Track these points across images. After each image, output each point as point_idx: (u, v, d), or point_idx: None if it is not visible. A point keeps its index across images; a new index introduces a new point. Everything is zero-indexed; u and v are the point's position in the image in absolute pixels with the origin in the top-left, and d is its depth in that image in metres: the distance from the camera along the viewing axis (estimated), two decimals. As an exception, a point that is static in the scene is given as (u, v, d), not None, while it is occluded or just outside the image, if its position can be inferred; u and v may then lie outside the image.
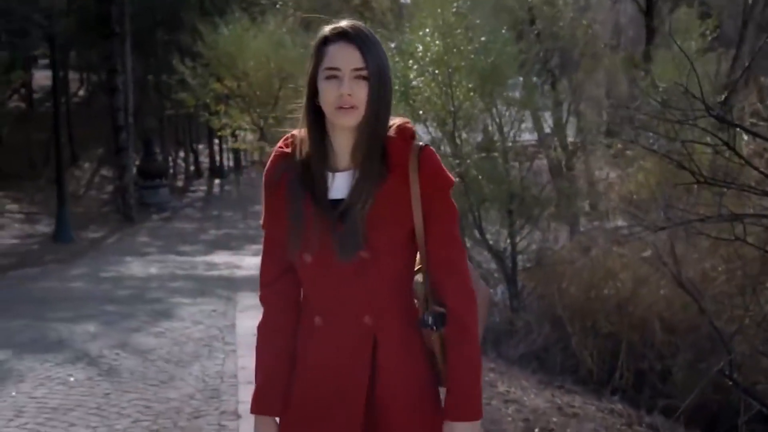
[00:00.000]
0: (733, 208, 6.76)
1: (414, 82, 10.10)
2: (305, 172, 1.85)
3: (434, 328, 1.86)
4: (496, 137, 11.73)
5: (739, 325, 6.78)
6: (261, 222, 1.96)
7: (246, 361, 6.02)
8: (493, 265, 11.16)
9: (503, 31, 10.71)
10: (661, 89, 8.55)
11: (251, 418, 1.98)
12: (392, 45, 10.77)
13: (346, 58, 1.77)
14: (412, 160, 1.82)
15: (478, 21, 10.16)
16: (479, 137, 12.02)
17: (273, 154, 1.91)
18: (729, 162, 6.35)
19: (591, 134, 14.70)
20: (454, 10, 9.98)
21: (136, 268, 13.23)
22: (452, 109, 10.12)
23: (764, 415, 6.09)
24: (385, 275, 1.86)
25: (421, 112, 10.20)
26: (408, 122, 1.89)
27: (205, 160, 33.86)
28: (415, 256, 1.91)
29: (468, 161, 10.24)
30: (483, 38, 9.96)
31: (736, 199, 6.74)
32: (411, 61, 10.20)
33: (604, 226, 12.44)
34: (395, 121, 1.87)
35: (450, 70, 10.03)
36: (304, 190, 1.84)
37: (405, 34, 11.26)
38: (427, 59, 10.04)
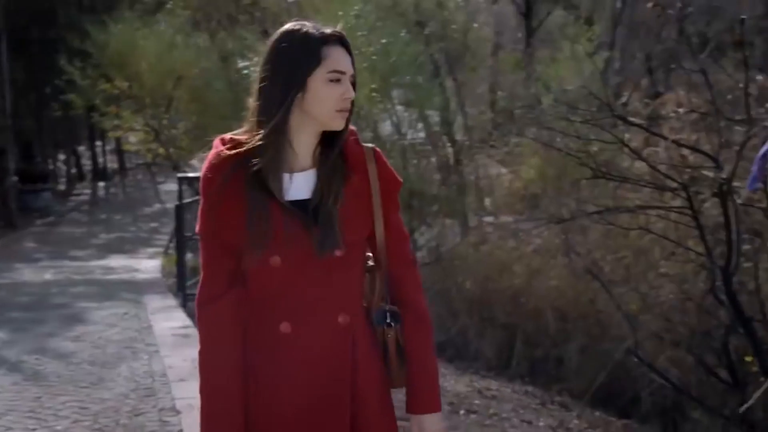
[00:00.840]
0: (621, 201, 7.39)
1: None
2: (262, 174, 1.78)
3: (392, 324, 1.89)
4: (395, 136, 12.14)
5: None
6: (197, 229, 1.86)
7: (172, 361, 6.12)
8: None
9: (402, 33, 11.07)
10: (554, 90, 9.16)
11: (192, 412, 2.05)
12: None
13: (347, 63, 1.79)
14: (370, 160, 1.86)
15: (379, 24, 10.47)
16: (378, 136, 12.40)
17: (214, 157, 1.81)
18: (620, 157, 6.97)
19: (478, 132, 15.30)
20: (354, 13, 10.27)
21: (29, 274, 12.85)
22: (355, 108, 10.42)
23: (663, 389, 6.70)
24: (354, 273, 1.88)
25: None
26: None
27: (87, 162, 32.74)
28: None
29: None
30: (383, 40, 10.29)
31: (626, 192, 7.37)
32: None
33: (496, 221, 13.04)
34: None
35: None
36: (265, 191, 1.77)
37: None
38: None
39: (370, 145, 1.89)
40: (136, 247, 17.12)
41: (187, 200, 9.97)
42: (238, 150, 1.79)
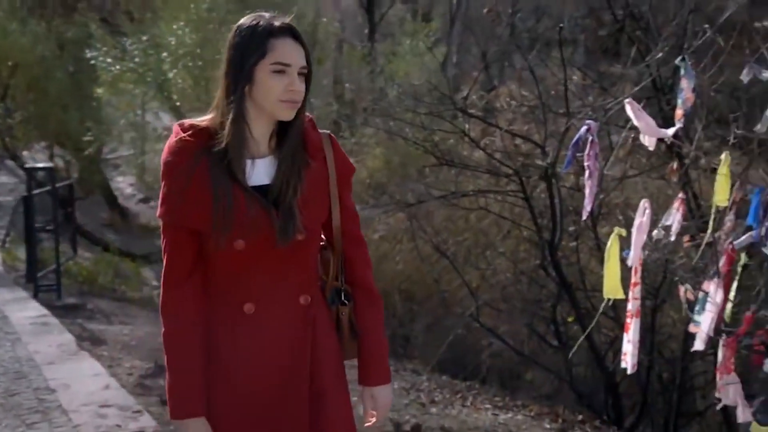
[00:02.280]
0: (463, 187, 8.04)
1: (170, 74, 10.37)
2: (224, 160, 1.82)
3: (346, 302, 1.98)
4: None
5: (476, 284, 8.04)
6: (159, 213, 1.87)
7: (37, 347, 6.13)
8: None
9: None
10: (399, 83, 9.70)
11: (68, 390, 2.19)
12: (144, 38, 10.91)
13: (295, 55, 1.80)
14: (327, 146, 1.93)
15: (229, 17, 10.62)
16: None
17: (175, 142, 1.84)
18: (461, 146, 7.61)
19: (323, 123, 15.74)
20: (206, 5, 10.40)
21: None
22: (207, 99, 10.57)
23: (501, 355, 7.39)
24: (312, 254, 1.95)
25: (178, 103, 10.50)
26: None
27: None
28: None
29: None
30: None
31: (467, 178, 8.04)
32: (165, 54, 10.47)
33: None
34: None
35: (201, 63, 10.48)
36: (228, 177, 1.82)
37: (152, 27, 11.46)
38: (181, 52, 10.39)
39: (326, 131, 1.96)
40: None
41: (36, 191, 9.72)
42: (192, 138, 1.82)
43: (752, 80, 3.27)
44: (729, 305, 3.49)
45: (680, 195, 3.53)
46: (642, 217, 2.95)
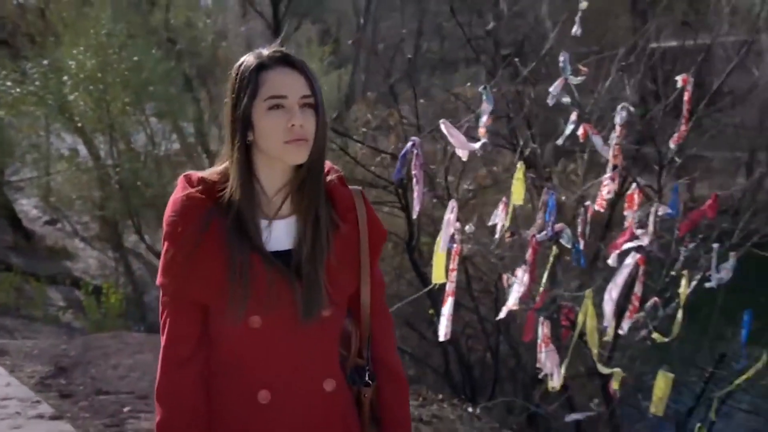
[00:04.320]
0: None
1: (70, 97, 10.72)
2: (237, 222, 1.58)
3: (370, 383, 1.73)
4: (149, 147, 12.76)
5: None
6: (160, 281, 1.62)
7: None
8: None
9: (153, 51, 11.75)
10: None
11: None
12: (45, 62, 11.22)
13: (292, 84, 1.55)
14: (359, 205, 1.67)
15: (129, 42, 11.07)
16: (133, 147, 12.95)
17: (182, 199, 1.58)
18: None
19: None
20: (105, 31, 10.80)
21: None
22: (109, 121, 10.97)
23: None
24: (338, 332, 1.69)
25: (79, 124, 10.85)
26: (331, 164, 1.70)
27: None
28: None
29: (126, 168, 11.15)
30: (135, 57, 10.93)
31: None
32: (65, 77, 10.81)
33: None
34: None
35: (101, 86, 10.89)
36: (244, 242, 1.57)
37: (53, 51, 11.75)
38: (82, 76, 10.75)
39: (357, 188, 1.71)
40: None
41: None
42: (203, 194, 1.59)
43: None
44: (541, 287, 4.28)
45: (503, 199, 4.28)
46: (450, 214, 3.64)
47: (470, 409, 5.41)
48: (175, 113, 13.18)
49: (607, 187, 3.64)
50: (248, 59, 1.58)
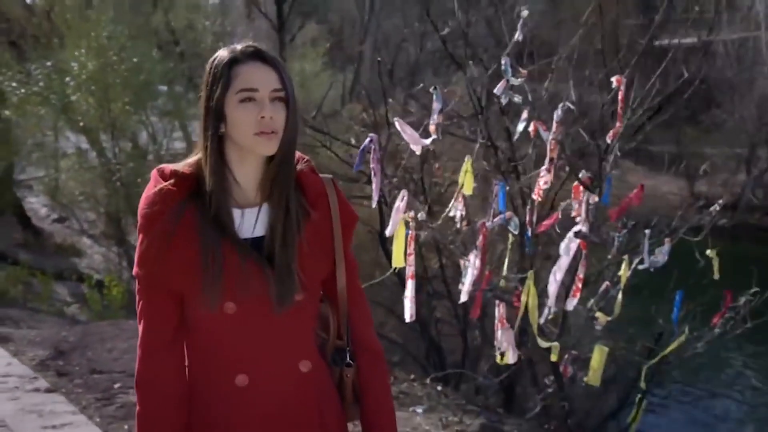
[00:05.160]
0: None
1: (73, 97, 11.15)
2: (210, 211, 1.64)
3: (352, 363, 1.80)
4: (151, 146, 13.19)
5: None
6: (135, 271, 1.67)
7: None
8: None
9: (153, 53, 12.17)
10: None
11: None
12: (48, 63, 11.65)
13: (263, 78, 1.61)
14: (331, 192, 1.75)
15: (129, 44, 11.48)
16: (136, 146, 13.38)
17: (155, 193, 1.64)
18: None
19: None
20: (106, 34, 11.23)
21: None
22: (110, 121, 11.40)
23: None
24: (313, 315, 1.77)
25: (81, 123, 11.28)
26: (300, 154, 1.77)
27: None
28: None
29: (129, 166, 11.57)
30: (135, 59, 11.34)
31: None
32: (68, 78, 11.24)
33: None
34: None
35: (102, 87, 11.33)
36: (216, 230, 1.63)
37: (57, 53, 12.19)
38: (84, 77, 11.18)
39: (327, 176, 1.79)
40: None
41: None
42: (175, 187, 1.64)
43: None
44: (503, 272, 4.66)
45: (461, 191, 4.66)
46: (400, 202, 4.01)
47: (439, 388, 5.80)
48: (178, 113, 13.57)
49: (543, 178, 4.01)
50: (222, 54, 1.65)
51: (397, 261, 4.23)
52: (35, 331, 8.95)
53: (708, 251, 3.88)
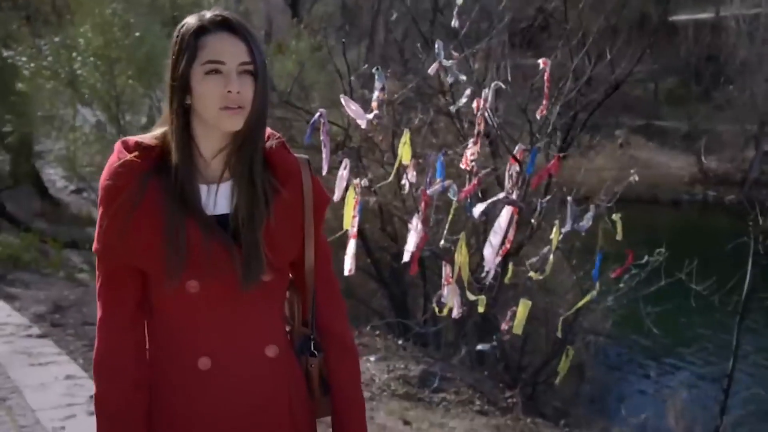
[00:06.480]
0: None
1: (79, 72, 11.70)
2: (176, 186, 1.57)
3: (316, 354, 1.73)
4: (158, 120, 13.68)
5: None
6: (95, 247, 1.59)
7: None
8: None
9: (157, 29, 12.62)
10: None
11: None
12: (56, 39, 12.19)
13: (231, 50, 1.53)
14: (305, 172, 1.68)
15: (132, 20, 11.94)
16: (143, 119, 13.88)
17: (118, 164, 1.57)
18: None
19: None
20: (110, 11, 11.71)
21: None
22: (115, 94, 11.94)
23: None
24: (281, 298, 1.71)
25: (87, 96, 11.84)
26: (272, 130, 1.69)
27: None
28: None
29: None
30: (138, 33, 11.81)
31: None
32: (75, 53, 11.78)
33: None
34: None
35: (107, 62, 11.85)
36: (181, 206, 1.56)
37: (66, 29, 12.73)
38: (89, 52, 11.70)
39: (303, 156, 1.71)
40: None
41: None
42: (139, 158, 1.58)
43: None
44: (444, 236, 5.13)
45: (412, 160, 5.13)
46: (343, 170, 4.50)
47: (400, 342, 6.33)
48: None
49: (470, 150, 4.48)
50: (189, 21, 1.56)
51: (347, 223, 4.74)
52: (43, 293, 9.56)
53: (614, 215, 4.32)
